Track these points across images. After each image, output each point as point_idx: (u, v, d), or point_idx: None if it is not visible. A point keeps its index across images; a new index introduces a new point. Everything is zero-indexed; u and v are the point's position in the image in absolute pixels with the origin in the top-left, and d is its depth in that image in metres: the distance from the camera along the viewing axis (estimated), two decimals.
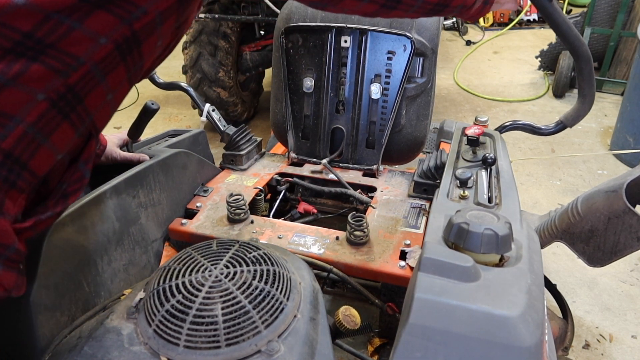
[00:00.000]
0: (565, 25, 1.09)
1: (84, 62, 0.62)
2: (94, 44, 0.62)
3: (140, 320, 0.78)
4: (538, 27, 6.43)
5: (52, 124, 0.64)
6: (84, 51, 0.61)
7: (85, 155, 0.75)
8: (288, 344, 0.75)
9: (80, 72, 0.63)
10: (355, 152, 1.62)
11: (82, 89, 0.65)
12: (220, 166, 1.62)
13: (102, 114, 0.72)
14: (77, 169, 0.74)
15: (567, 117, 1.29)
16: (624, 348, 1.94)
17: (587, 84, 1.18)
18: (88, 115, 0.69)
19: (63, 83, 0.62)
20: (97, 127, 0.74)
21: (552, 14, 1.07)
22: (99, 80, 0.66)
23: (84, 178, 0.76)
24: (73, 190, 0.75)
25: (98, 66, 0.64)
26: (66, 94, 0.63)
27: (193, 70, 3.40)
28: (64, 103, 0.64)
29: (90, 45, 0.62)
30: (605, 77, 4.31)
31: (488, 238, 0.76)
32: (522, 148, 3.52)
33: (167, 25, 0.70)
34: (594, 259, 1.22)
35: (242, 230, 1.26)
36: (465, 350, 0.65)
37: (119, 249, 1.11)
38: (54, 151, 0.67)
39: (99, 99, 0.69)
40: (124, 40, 0.65)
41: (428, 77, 1.56)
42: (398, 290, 1.13)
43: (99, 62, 0.64)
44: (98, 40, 0.62)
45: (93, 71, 0.64)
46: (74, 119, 0.67)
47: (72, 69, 0.62)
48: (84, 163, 0.75)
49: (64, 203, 0.74)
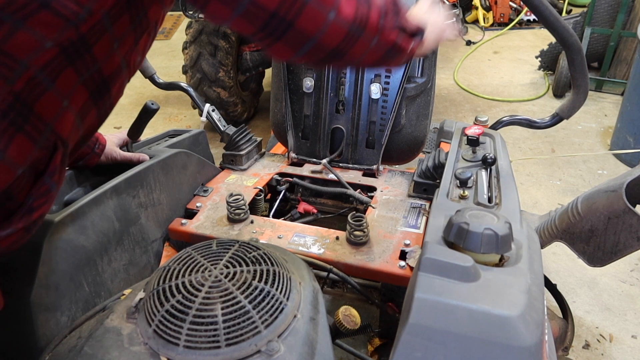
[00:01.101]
0: (553, 17, 1.09)
1: (28, 66, 0.59)
2: (39, 47, 0.58)
3: (140, 320, 0.77)
4: (538, 27, 6.42)
5: (5, 137, 0.60)
6: (27, 54, 0.58)
7: (52, 167, 0.70)
8: (288, 344, 0.75)
9: (25, 78, 0.59)
10: (355, 152, 1.62)
11: (29, 96, 0.61)
12: (220, 166, 1.62)
13: (63, 122, 0.68)
14: (43, 183, 0.70)
15: (563, 109, 1.29)
16: (624, 348, 1.94)
17: (580, 74, 1.18)
18: (45, 124, 0.65)
19: (9, 91, 0.58)
20: (61, 137, 0.69)
21: (539, 6, 1.07)
22: (47, 86, 0.62)
23: (51, 192, 0.71)
24: (39, 204, 0.70)
25: (44, 71, 0.61)
26: (14, 103, 0.60)
27: (193, 70, 3.40)
28: (14, 114, 0.60)
29: (35, 49, 0.58)
30: (605, 77, 4.31)
31: (488, 238, 0.76)
32: (522, 148, 3.52)
33: (120, 25, 0.66)
34: (594, 258, 1.22)
35: (242, 230, 1.26)
36: (465, 350, 0.65)
37: (119, 249, 1.11)
38: (11, 165, 0.63)
39: (53, 106, 0.65)
40: (71, 44, 0.61)
41: (428, 77, 1.56)
42: (398, 290, 1.13)
43: (44, 66, 0.60)
44: (43, 44, 0.59)
45: (39, 77, 0.61)
46: (29, 129, 0.63)
47: (16, 75, 0.58)
48: (50, 176, 0.71)
49: (28, 218, 0.70)
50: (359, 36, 0.72)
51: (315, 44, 0.69)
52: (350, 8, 0.68)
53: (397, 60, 0.85)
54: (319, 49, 0.70)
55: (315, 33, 0.67)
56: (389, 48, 0.79)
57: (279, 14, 0.63)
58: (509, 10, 6.48)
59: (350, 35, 0.71)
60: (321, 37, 0.68)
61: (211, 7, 0.63)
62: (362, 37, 0.73)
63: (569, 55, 1.19)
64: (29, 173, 0.68)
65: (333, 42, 0.70)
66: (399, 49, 0.81)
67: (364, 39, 0.74)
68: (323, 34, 0.67)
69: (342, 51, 0.73)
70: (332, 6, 0.66)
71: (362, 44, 0.74)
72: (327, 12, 0.66)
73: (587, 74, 1.22)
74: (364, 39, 0.74)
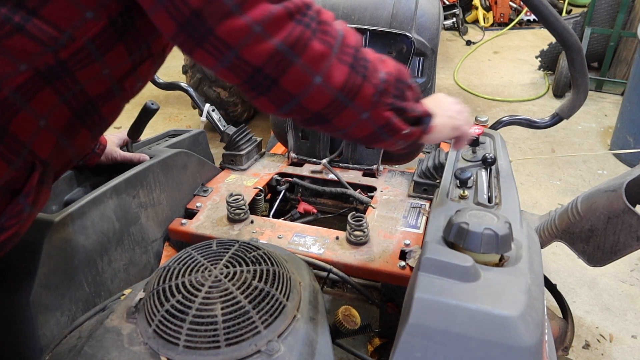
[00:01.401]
0: (553, 17, 1.09)
1: (0, 87, 0.58)
2: (13, 70, 0.57)
3: (140, 320, 0.77)
4: (538, 27, 6.42)
5: None
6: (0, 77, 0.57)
7: (27, 188, 0.68)
8: (288, 344, 0.75)
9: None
10: (355, 152, 1.62)
11: (2, 117, 0.60)
12: (220, 166, 1.62)
13: (41, 142, 0.66)
14: (17, 203, 0.68)
15: (563, 109, 1.29)
16: (624, 348, 1.94)
17: (580, 74, 1.18)
18: (21, 144, 0.63)
19: None
20: (40, 157, 0.68)
21: (539, 6, 1.07)
22: (21, 105, 0.61)
23: (23, 212, 0.69)
24: (10, 224, 0.68)
25: (17, 93, 0.59)
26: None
27: (193, 70, 3.40)
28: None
29: (8, 71, 0.57)
30: (605, 77, 4.31)
31: (488, 238, 0.76)
32: (522, 148, 3.52)
33: (115, 55, 0.65)
34: (594, 258, 1.22)
35: (242, 230, 1.26)
36: (465, 350, 0.65)
37: (119, 249, 1.11)
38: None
39: (28, 125, 0.63)
40: (48, 68, 0.60)
41: (428, 77, 1.56)
42: (398, 290, 1.13)
43: (17, 88, 0.59)
44: (18, 67, 0.57)
45: (11, 98, 0.59)
46: (3, 150, 0.61)
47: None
48: (25, 196, 0.69)
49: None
50: (345, 105, 0.69)
51: (298, 104, 0.67)
52: (340, 76, 0.66)
53: (392, 141, 0.80)
54: (302, 110, 0.69)
55: (297, 94, 0.65)
56: (380, 126, 0.75)
57: (264, 70, 0.62)
58: (509, 10, 6.48)
59: (336, 103, 0.68)
60: (304, 98, 0.66)
61: (197, 55, 0.62)
62: (350, 108, 0.70)
63: (569, 55, 1.19)
64: (4, 192, 0.67)
65: (316, 106, 0.68)
66: (393, 129, 0.77)
67: (351, 110, 0.71)
68: (306, 96, 0.66)
69: (326, 117, 0.70)
70: (319, 71, 0.64)
71: (349, 114, 0.71)
72: (314, 75, 0.64)
73: (587, 74, 1.22)
74: (352, 109, 0.71)
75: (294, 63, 0.62)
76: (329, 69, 0.65)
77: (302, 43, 0.61)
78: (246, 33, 0.58)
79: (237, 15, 0.57)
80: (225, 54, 0.60)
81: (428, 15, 1.52)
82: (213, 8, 0.56)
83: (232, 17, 0.57)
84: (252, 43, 0.59)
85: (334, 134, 0.77)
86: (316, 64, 0.63)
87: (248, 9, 0.57)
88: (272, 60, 0.61)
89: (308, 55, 0.62)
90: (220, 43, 0.59)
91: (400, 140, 0.80)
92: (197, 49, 0.60)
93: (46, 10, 0.57)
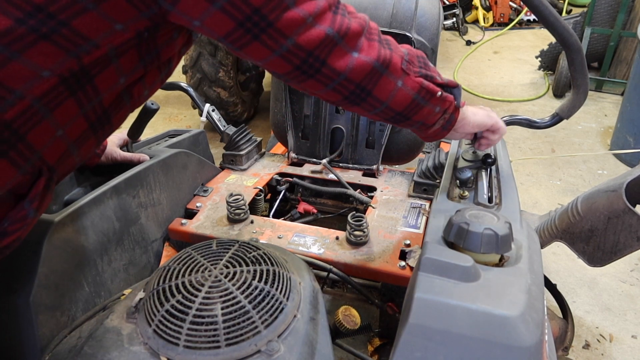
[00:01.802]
0: (553, 17, 1.09)
1: (23, 96, 0.58)
2: (35, 77, 0.58)
3: (140, 320, 0.77)
4: (538, 27, 6.43)
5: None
6: (22, 84, 0.57)
7: (33, 193, 0.69)
8: (288, 344, 0.75)
9: (18, 107, 0.58)
10: (355, 152, 1.62)
11: (23, 125, 0.60)
12: (220, 166, 1.62)
13: (52, 149, 0.67)
14: (22, 208, 0.68)
15: (563, 109, 1.29)
16: (624, 348, 1.94)
17: (580, 74, 1.18)
18: (33, 152, 0.64)
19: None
20: (48, 163, 0.68)
21: (539, 7, 1.07)
22: (44, 115, 0.61)
23: (28, 218, 0.69)
24: (13, 229, 0.68)
25: (41, 101, 0.60)
26: (2, 131, 0.58)
27: (193, 70, 3.40)
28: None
29: (30, 78, 0.57)
30: (605, 77, 4.31)
31: (488, 238, 0.76)
32: (522, 148, 3.52)
33: (127, 60, 0.66)
34: (594, 258, 1.22)
35: (242, 230, 1.26)
36: (465, 350, 0.65)
37: (119, 249, 1.11)
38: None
39: (46, 135, 0.64)
40: (71, 75, 0.61)
41: None
42: (398, 290, 1.13)
43: (41, 96, 0.59)
44: (40, 73, 0.58)
45: (35, 106, 0.60)
46: (13, 155, 0.62)
47: (7, 104, 0.57)
48: (30, 202, 0.69)
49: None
50: (382, 73, 0.79)
51: (345, 78, 0.77)
52: (374, 49, 0.78)
53: (430, 107, 0.88)
54: (347, 83, 0.78)
55: (343, 70, 0.76)
56: (416, 91, 0.85)
57: (315, 53, 0.72)
58: (509, 10, 6.48)
59: (374, 72, 0.79)
60: (349, 73, 0.77)
61: (251, 48, 0.69)
62: (385, 75, 0.80)
63: (569, 55, 1.19)
64: (9, 196, 0.67)
65: (358, 76, 0.78)
66: (428, 92, 0.86)
67: (387, 78, 0.81)
68: (350, 70, 0.76)
69: (367, 88, 0.80)
70: (355, 47, 0.76)
71: (386, 82, 0.81)
72: (352, 51, 0.76)
73: (587, 74, 1.22)
74: (388, 77, 0.81)
75: (338, 44, 0.73)
76: (364, 45, 0.77)
77: (345, 26, 0.73)
78: (301, 23, 0.68)
79: (293, 9, 0.67)
80: (282, 43, 0.69)
81: (428, 15, 1.52)
82: (273, 4, 0.65)
83: (290, 11, 0.67)
84: (305, 31, 0.69)
85: (376, 111, 0.86)
86: (353, 42, 0.75)
87: (301, 3, 0.68)
88: (322, 44, 0.71)
89: (348, 36, 0.74)
90: (278, 34, 0.68)
91: (437, 105, 0.89)
92: (254, 42, 0.68)
93: (77, 22, 0.58)
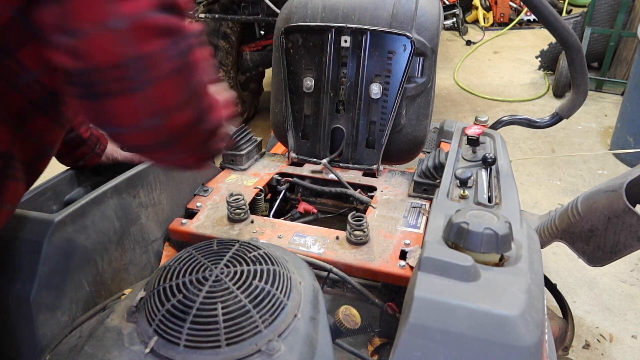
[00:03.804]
0: (553, 17, 1.10)
1: None
2: None
3: (140, 319, 0.78)
4: (538, 27, 6.43)
5: None
6: None
7: None
8: (288, 344, 0.75)
9: None
10: (355, 152, 1.62)
11: None
12: (220, 166, 1.62)
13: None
14: None
15: (563, 109, 1.29)
16: (624, 348, 1.94)
17: (580, 73, 1.18)
18: None
19: None
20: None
21: (539, 6, 1.07)
22: None
23: None
24: None
25: None
26: None
27: None
28: None
29: None
30: (605, 77, 4.31)
31: (488, 238, 0.76)
32: (522, 148, 3.52)
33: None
34: (594, 258, 1.22)
35: (242, 230, 1.26)
36: (465, 350, 0.65)
37: (120, 248, 1.11)
38: None
39: None
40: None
41: (428, 77, 1.56)
42: (398, 290, 1.13)
43: None
44: None
45: None
46: None
47: None
48: None
49: None
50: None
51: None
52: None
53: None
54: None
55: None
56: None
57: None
58: (509, 10, 6.48)
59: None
60: None
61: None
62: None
63: (569, 55, 1.19)
64: None
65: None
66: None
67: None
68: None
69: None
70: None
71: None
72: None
73: (587, 74, 1.22)
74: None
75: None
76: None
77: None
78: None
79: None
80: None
81: (428, 15, 1.52)
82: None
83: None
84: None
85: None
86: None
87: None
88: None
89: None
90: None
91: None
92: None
93: None
